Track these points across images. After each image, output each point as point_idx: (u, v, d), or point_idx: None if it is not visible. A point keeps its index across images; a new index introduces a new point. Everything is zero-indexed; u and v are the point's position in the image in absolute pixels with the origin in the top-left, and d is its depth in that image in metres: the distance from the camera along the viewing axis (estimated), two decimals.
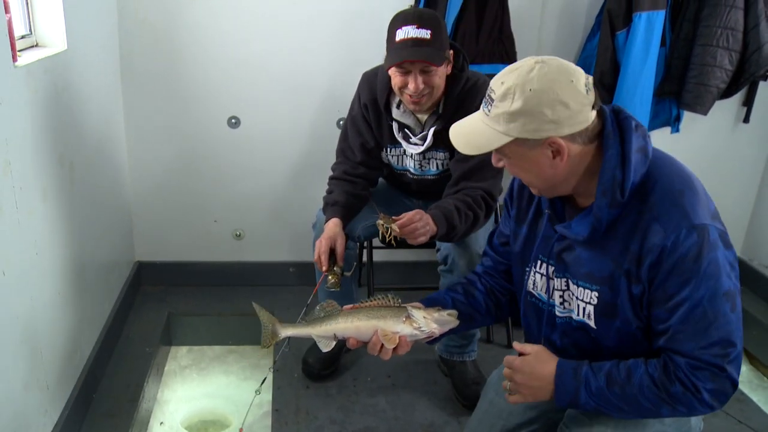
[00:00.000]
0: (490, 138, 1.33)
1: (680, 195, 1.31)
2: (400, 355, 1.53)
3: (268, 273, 3.22)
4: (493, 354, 2.72)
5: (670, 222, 1.28)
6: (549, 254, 1.50)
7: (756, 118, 3.17)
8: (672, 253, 1.27)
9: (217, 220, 3.13)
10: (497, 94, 1.31)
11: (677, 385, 1.30)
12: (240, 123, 2.96)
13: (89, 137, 2.42)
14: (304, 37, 2.87)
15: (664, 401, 1.32)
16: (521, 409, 1.65)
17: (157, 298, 3.07)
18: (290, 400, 2.41)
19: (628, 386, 1.34)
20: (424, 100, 2.12)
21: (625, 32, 2.73)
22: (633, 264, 1.33)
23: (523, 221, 1.59)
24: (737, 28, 2.74)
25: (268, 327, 1.65)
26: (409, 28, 2.03)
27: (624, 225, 1.34)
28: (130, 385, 2.42)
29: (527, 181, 1.42)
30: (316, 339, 1.58)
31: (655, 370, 1.34)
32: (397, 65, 2.06)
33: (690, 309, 1.28)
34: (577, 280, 1.43)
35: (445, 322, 1.51)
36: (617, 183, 1.31)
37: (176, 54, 2.83)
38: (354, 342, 1.54)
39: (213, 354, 3.00)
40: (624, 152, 1.32)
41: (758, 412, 2.51)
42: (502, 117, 1.30)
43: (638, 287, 1.34)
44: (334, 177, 2.38)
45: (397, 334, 1.50)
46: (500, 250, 1.73)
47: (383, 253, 2.87)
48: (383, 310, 1.52)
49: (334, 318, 1.55)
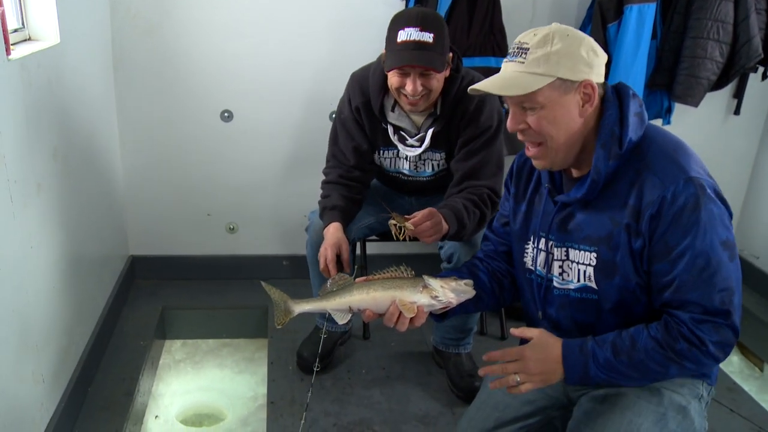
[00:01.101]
0: (532, 80, 1.36)
1: (675, 152, 1.38)
2: (416, 326, 1.51)
3: (262, 266, 3.21)
4: (487, 346, 2.73)
5: (667, 175, 1.34)
6: (549, 228, 1.53)
7: (746, 110, 3.20)
8: (672, 203, 1.32)
9: (210, 213, 3.13)
10: (532, 43, 1.36)
11: (681, 341, 1.34)
12: (233, 116, 2.96)
13: (82, 131, 2.41)
14: (295, 31, 2.87)
15: (671, 360, 1.35)
16: (518, 402, 1.66)
17: (151, 291, 3.07)
18: (285, 392, 2.41)
19: (634, 352, 1.37)
20: (422, 102, 2.11)
21: (617, 25, 2.75)
22: (632, 218, 1.37)
23: (522, 199, 1.63)
24: (727, 20, 2.75)
25: (281, 305, 1.61)
26: (411, 29, 2.01)
27: (621, 183, 1.40)
28: (125, 378, 2.42)
29: (550, 135, 1.40)
30: (332, 312, 1.55)
31: (658, 332, 1.37)
32: (396, 68, 2.05)
33: (692, 258, 1.33)
34: (578, 245, 1.47)
35: (462, 292, 1.49)
36: (615, 137, 1.39)
37: (169, 47, 2.82)
38: (370, 314, 1.51)
39: (207, 347, 3.01)
40: (622, 113, 1.40)
41: (750, 401, 2.54)
42: (542, 60, 1.35)
43: (638, 241, 1.37)
44: (329, 181, 2.34)
45: (414, 304, 1.47)
46: (500, 231, 1.75)
47: (376, 246, 2.88)
48: (398, 280, 1.50)
49: (349, 290, 1.52)
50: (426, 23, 2.01)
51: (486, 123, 2.20)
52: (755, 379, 3.00)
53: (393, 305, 1.48)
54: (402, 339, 2.76)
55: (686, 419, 1.46)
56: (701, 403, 1.52)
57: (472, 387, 2.36)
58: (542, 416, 1.65)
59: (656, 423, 1.43)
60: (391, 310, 1.49)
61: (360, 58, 2.42)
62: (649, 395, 1.47)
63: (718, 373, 1.62)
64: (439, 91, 2.14)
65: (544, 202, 1.55)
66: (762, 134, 3.32)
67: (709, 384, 1.55)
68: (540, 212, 1.56)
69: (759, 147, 3.34)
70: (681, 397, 1.48)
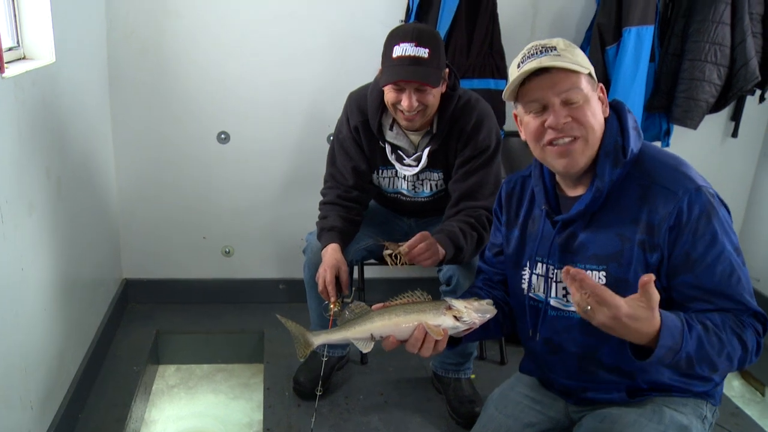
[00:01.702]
0: (576, 66, 1.37)
1: (677, 164, 1.40)
2: (440, 351, 1.46)
3: (258, 290, 3.18)
4: (486, 371, 2.69)
5: (678, 186, 1.34)
6: (549, 252, 1.50)
7: (744, 132, 3.21)
8: (689, 212, 1.32)
9: (206, 236, 3.09)
10: (559, 44, 1.39)
11: (748, 331, 1.32)
12: (229, 138, 2.94)
13: (77, 151, 2.39)
14: (293, 52, 2.86)
15: (742, 348, 1.31)
16: (519, 426, 1.62)
17: (145, 315, 3.02)
18: (281, 418, 2.36)
19: (719, 331, 1.28)
20: (418, 118, 2.09)
21: (615, 47, 2.75)
22: (647, 233, 1.36)
23: (514, 225, 1.62)
24: (725, 43, 2.76)
25: (299, 338, 1.58)
26: (407, 45, 2.00)
27: (627, 198, 1.39)
28: (117, 404, 2.36)
29: (592, 127, 1.38)
30: (354, 342, 1.50)
31: (728, 318, 1.32)
32: (392, 84, 2.03)
33: (719, 266, 1.33)
34: (584, 265, 1.44)
35: (485, 311, 1.45)
36: (618, 146, 1.40)
37: (165, 68, 2.81)
38: (393, 341, 1.46)
39: (201, 373, 2.95)
40: (622, 126, 1.43)
41: (754, 425, 2.50)
42: (576, 54, 1.39)
43: (655, 255, 1.36)
44: (328, 202, 2.31)
45: (440, 326, 1.43)
46: (494, 261, 1.73)
47: (374, 270, 2.84)
48: (419, 304, 1.46)
49: (369, 318, 1.48)
50: (421, 39, 2.01)
51: (484, 143, 2.19)
52: (756, 403, 2.96)
53: (418, 329, 1.43)
54: (400, 364, 2.71)
55: None
56: (704, 423, 1.49)
57: (472, 413, 2.31)
58: None
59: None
60: (415, 335, 1.44)
61: (357, 78, 2.41)
62: (650, 414, 1.45)
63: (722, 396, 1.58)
64: (436, 107, 2.13)
65: (542, 224, 1.53)
66: (760, 156, 3.32)
67: (713, 405, 1.53)
68: (537, 236, 1.54)
69: (756, 169, 3.34)
70: (683, 417, 1.46)
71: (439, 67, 2.06)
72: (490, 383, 2.55)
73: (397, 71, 2.01)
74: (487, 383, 2.54)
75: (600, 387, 1.52)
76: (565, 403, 1.63)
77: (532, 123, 1.41)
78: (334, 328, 1.54)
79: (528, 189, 1.61)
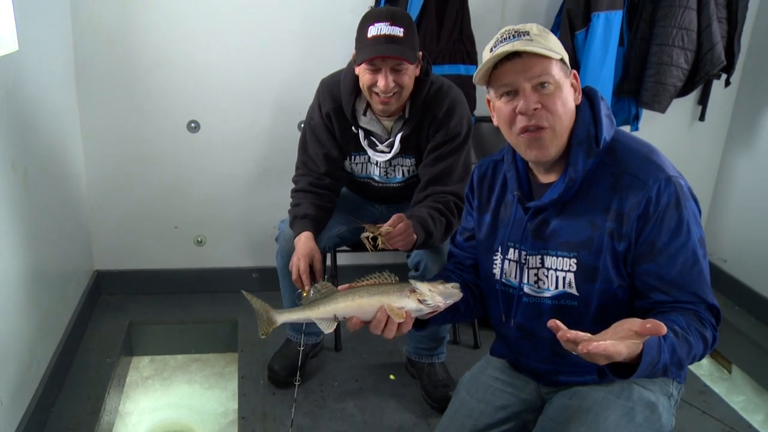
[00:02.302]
0: (548, 52, 1.36)
1: (649, 154, 1.41)
2: (403, 333, 1.46)
3: (231, 279, 3.16)
4: (460, 355, 2.71)
5: (648, 175, 1.35)
6: (521, 237, 1.51)
7: (711, 116, 3.26)
8: (657, 202, 1.34)
9: (177, 226, 3.06)
10: (532, 29, 1.38)
11: (708, 329, 1.35)
12: (200, 127, 2.91)
13: (43, 142, 2.35)
14: (263, 40, 2.84)
15: (704, 346, 1.34)
16: (492, 409, 1.64)
17: (117, 307, 2.99)
18: (256, 407, 2.36)
19: (687, 335, 1.30)
20: (393, 100, 2.09)
21: (584, 32, 2.77)
22: (616, 222, 1.38)
23: (485, 210, 1.62)
24: (691, 28, 2.79)
25: (263, 315, 1.57)
26: (381, 24, 2.01)
27: (599, 186, 1.40)
28: (90, 397, 2.34)
29: (559, 116, 1.38)
30: (317, 321, 1.50)
31: (692, 319, 1.34)
32: (368, 61, 2.03)
33: (682, 257, 1.35)
34: (555, 251, 1.46)
35: (450, 295, 1.45)
36: (591, 136, 1.40)
37: (133, 57, 2.76)
38: (356, 321, 1.46)
39: (176, 363, 2.93)
40: (594, 114, 1.43)
41: (720, 402, 2.56)
42: (549, 39, 1.39)
43: (622, 244, 1.38)
44: (300, 189, 2.31)
45: (403, 309, 1.43)
46: (465, 245, 1.73)
47: (346, 257, 2.85)
48: (384, 286, 1.46)
49: (333, 298, 1.48)
50: (395, 18, 2.02)
51: (455, 129, 2.20)
52: (724, 380, 3.03)
53: (380, 311, 1.43)
54: (375, 350, 2.72)
55: (654, 414, 1.47)
56: (670, 401, 1.53)
57: (446, 397, 2.33)
58: (517, 421, 1.64)
59: (623, 416, 1.44)
60: (378, 317, 1.44)
61: (328, 66, 2.40)
62: (619, 391, 1.49)
63: (688, 374, 1.62)
64: (410, 90, 2.13)
65: (514, 210, 1.53)
66: (726, 139, 3.37)
67: (679, 382, 1.57)
68: (509, 221, 1.55)
69: (723, 151, 3.40)
70: (651, 393, 1.49)
71: (414, 48, 2.07)
72: (463, 367, 2.54)
73: (374, 49, 2.01)
74: (461, 367, 2.54)
75: (572, 370, 1.55)
76: (537, 384, 1.65)
77: (504, 108, 1.41)
78: (298, 307, 1.54)
79: (500, 173, 1.61)
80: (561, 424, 1.46)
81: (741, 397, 2.88)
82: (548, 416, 1.53)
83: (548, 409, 1.55)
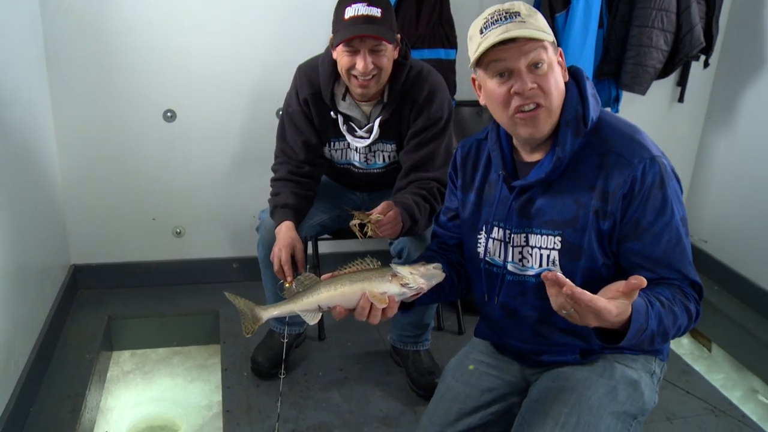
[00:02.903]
0: (542, 34, 1.35)
1: (633, 133, 1.41)
2: (389, 317, 1.45)
3: (211, 270, 3.13)
4: (444, 341, 2.71)
5: (634, 154, 1.36)
6: (506, 216, 1.50)
7: (689, 97, 3.27)
8: (642, 181, 1.35)
9: (155, 217, 3.01)
10: (522, 9, 1.37)
11: (692, 302, 1.38)
12: (176, 116, 2.85)
13: (14, 133, 2.27)
14: (240, 26, 2.78)
15: (689, 318, 1.37)
16: (477, 392, 1.64)
17: (96, 301, 2.94)
18: (241, 399, 2.33)
19: (672, 305, 1.34)
20: (372, 83, 2.06)
21: (564, 14, 2.75)
22: (601, 200, 1.38)
23: (469, 189, 1.62)
24: (671, 9, 2.79)
25: (247, 313, 1.55)
26: (359, 5, 1.98)
27: (585, 165, 1.40)
28: (70, 395, 2.30)
29: (553, 95, 1.37)
30: (301, 314, 1.48)
31: (676, 291, 1.37)
32: (346, 42, 1.99)
33: (666, 235, 1.36)
34: (540, 230, 1.46)
35: (432, 276, 1.44)
36: (579, 115, 1.40)
37: (106, 44, 2.69)
38: (341, 310, 1.44)
39: (157, 357, 2.89)
40: (581, 94, 1.42)
41: (702, 381, 2.59)
42: (540, 20, 1.38)
43: (607, 222, 1.39)
44: (279, 178, 2.27)
45: (385, 294, 1.41)
46: (449, 225, 1.73)
47: (328, 245, 2.82)
48: (366, 272, 1.44)
49: (316, 289, 1.46)
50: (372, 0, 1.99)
51: (436, 114, 2.17)
52: (704, 359, 3.07)
53: (363, 298, 1.42)
54: (359, 339, 2.71)
55: (636, 392, 1.48)
56: (653, 378, 1.54)
57: (432, 384, 2.32)
58: (503, 403, 1.64)
59: (606, 394, 1.45)
60: (361, 304, 1.42)
61: (306, 51, 2.35)
62: (602, 370, 1.50)
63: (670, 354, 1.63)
64: (389, 73, 2.10)
65: (499, 189, 1.52)
66: (705, 120, 3.39)
67: (662, 360, 1.58)
68: (494, 200, 1.54)
69: (702, 133, 3.41)
70: (633, 371, 1.51)
71: (392, 28, 2.04)
72: (448, 353, 2.55)
73: (351, 30, 1.98)
74: (446, 353, 2.56)
75: (555, 350, 1.55)
76: (521, 366, 1.65)
77: (498, 90, 1.39)
78: (282, 302, 1.52)
79: (484, 152, 1.60)
80: (545, 405, 1.46)
81: (721, 374, 2.92)
82: (532, 399, 1.53)
83: (532, 392, 1.56)
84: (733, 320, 2.98)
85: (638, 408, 1.47)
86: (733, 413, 2.38)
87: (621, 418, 1.44)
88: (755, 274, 3.09)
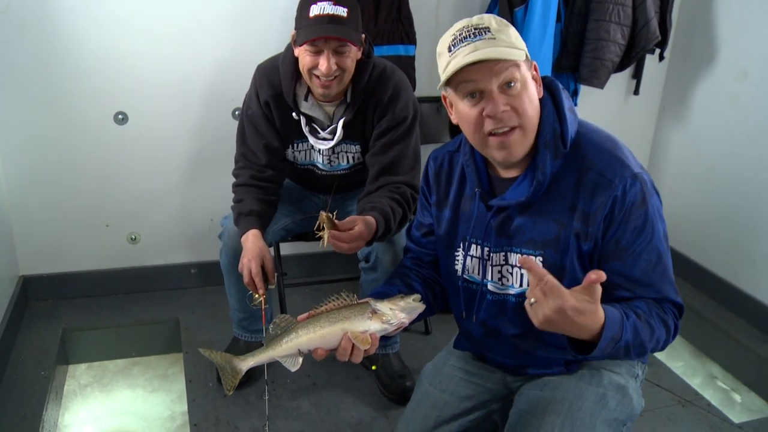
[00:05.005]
0: (515, 51, 1.30)
1: (613, 149, 1.37)
2: (371, 354, 1.40)
3: (169, 276, 3.03)
4: (411, 342, 2.69)
5: (615, 173, 1.33)
6: (484, 234, 1.47)
7: (645, 89, 3.31)
8: (623, 201, 1.32)
9: (108, 224, 2.90)
10: (492, 24, 1.32)
11: (671, 318, 1.37)
12: (127, 119, 2.74)
13: None
14: (191, 23, 2.68)
15: (667, 333, 1.36)
16: (456, 399, 1.61)
17: (48, 313, 2.82)
18: (208, 411, 2.27)
19: (650, 319, 1.33)
20: (334, 84, 2.00)
21: (523, 8, 2.74)
22: (582, 222, 1.35)
23: (444, 205, 1.57)
24: (627, 3, 2.82)
25: (226, 368, 1.49)
26: (324, 4, 1.91)
27: (563, 184, 1.37)
28: (26, 415, 2.19)
29: (528, 115, 1.32)
30: (281, 361, 1.42)
31: (653, 306, 1.37)
32: (310, 42, 1.92)
33: (647, 255, 1.35)
34: (520, 249, 1.43)
35: (413, 309, 1.40)
36: (557, 135, 1.35)
37: (49, 45, 2.56)
38: (322, 352, 1.39)
39: (115, 368, 2.79)
40: (558, 110, 1.38)
41: (667, 371, 2.65)
42: (512, 35, 1.33)
43: (588, 244, 1.36)
44: (241, 184, 2.18)
45: (367, 332, 1.36)
46: (423, 241, 1.68)
47: (290, 247, 2.77)
48: (344, 310, 1.39)
49: (294, 332, 1.40)
50: None
51: (402, 113, 2.13)
52: (671, 349, 3.12)
53: (345, 339, 1.36)
54: None
55: (625, 398, 1.48)
56: (637, 381, 1.55)
57: (403, 388, 2.31)
58: (483, 411, 1.62)
59: (597, 403, 1.44)
60: (343, 345, 1.37)
61: (263, 51, 2.28)
62: (589, 377, 1.49)
63: None
64: (352, 73, 2.04)
65: (476, 206, 1.48)
66: (659, 112, 3.44)
67: (643, 363, 1.59)
68: (471, 217, 1.50)
69: (657, 125, 3.47)
70: (619, 377, 1.50)
71: (358, 29, 1.99)
72: (415, 354, 2.56)
73: (317, 29, 1.91)
74: (413, 355, 2.54)
75: (539, 363, 1.53)
76: (503, 374, 1.63)
77: (470, 112, 1.33)
78: (261, 349, 1.46)
79: (457, 165, 1.55)
80: (535, 417, 1.44)
81: (680, 362, 2.98)
82: (520, 409, 1.50)
83: (519, 402, 1.53)
84: (692, 308, 3.04)
85: (628, 414, 1.47)
86: (699, 403, 2.42)
87: (612, 425, 1.43)
88: (710, 263, 3.16)
